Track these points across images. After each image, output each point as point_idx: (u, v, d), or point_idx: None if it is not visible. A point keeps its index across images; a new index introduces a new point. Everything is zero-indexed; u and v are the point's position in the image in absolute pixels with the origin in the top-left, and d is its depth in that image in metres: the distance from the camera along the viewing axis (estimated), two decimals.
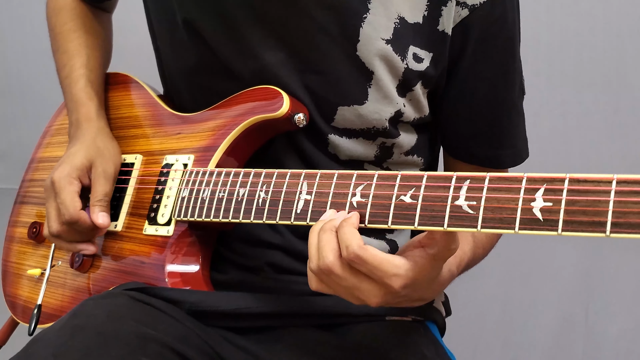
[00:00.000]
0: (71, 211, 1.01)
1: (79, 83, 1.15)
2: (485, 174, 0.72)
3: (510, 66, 1.05)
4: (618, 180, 0.64)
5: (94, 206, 1.03)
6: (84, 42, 1.20)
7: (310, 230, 0.81)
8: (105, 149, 1.08)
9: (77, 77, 1.15)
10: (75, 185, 1.04)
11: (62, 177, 1.03)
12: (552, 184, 0.67)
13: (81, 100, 1.13)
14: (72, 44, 1.19)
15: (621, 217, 0.62)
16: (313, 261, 0.78)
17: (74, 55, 1.18)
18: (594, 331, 1.77)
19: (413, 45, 0.99)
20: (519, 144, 1.12)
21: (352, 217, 0.78)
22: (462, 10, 0.98)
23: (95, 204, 1.03)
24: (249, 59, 1.01)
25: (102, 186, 1.04)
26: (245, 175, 0.93)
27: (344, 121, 1.01)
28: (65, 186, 1.03)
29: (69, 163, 1.05)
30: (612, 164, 1.69)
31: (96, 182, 1.05)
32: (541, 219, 0.67)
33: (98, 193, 1.04)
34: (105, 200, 1.04)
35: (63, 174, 1.03)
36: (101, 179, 1.05)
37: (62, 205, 1.02)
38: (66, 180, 1.03)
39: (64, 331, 0.83)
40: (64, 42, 1.20)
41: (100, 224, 1.02)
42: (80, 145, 1.08)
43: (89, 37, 1.21)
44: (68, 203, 1.02)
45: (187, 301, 0.94)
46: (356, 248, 0.74)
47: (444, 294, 1.15)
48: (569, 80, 1.68)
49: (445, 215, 0.73)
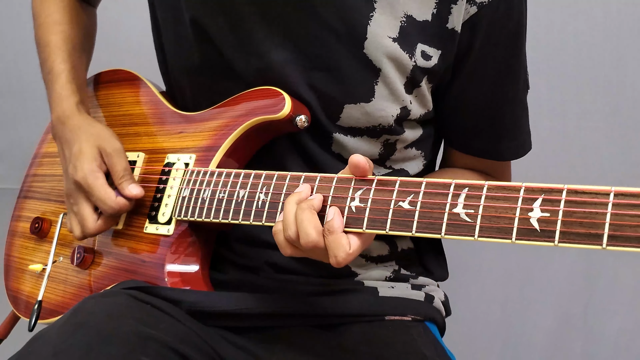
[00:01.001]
0: (111, 204, 1.01)
1: (60, 79, 1.14)
2: (484, 183, 0.73)
3: (516, 61, 1.05)
4: (616, 192, 0.64)
5: (120, 184, 1.03)
6: (67, 36, 1.18)
7: (286, 200, 0.84)
8: (100, 130, 1.08)
9: (58, 72, 1.14)
10: (102, 177, 1.04)
11: (87, 175, 1.03)
12: (550, 195, 0.68)
13: (62, 97, 1.12)
14: (55, 37, 1.18)
15: (618, 229, 0.63)
16: (288, 231, 0.82)
17: (55, 50, 1.16)
18: (592, 331, 1.77)
19: (421, 43, 0.99)
20: (521, 137, 1.12)
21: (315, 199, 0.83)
22: (471, 7, 0.98)
23: (120, 181, 1.03)
24: (253, 57, 1.01)
25: (118, 164, 1.04)
26: (246, 177, 0.94)
27: (350, 119, 1.01)
28: (95, 183, 1.02)
29: (85, 159, 1.04)
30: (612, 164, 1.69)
31: (112, 163, 1.04)
32: (538, 229, 0.68)
33: (118, 171, 1.04)
34: (127, 174, 1.04)
35: (86, 171, 1.03)
36: (114, 158, 1.04)
37: (100, 202, 1.02)
38: (93, 176, 1.03)
39: (65, 329, 0.83)
40: (47, 34, 1.19)
41: (135, 195, 1.03)
42: (80, 141, 1.07)
43: (72, 30, 1.20)
44: (105, 197, 1.02)
45: (187, 301, 0.94)
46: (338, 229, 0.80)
47: (444, 294, 1.16)
48: (569, 80, 1.68)
49: (443, 223, 0.74)
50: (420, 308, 1.08)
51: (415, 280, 1.11)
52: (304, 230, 0.80)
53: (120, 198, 1.02)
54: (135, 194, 1.03)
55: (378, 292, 1.06)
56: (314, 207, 0.82)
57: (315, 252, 0.82)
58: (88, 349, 0.80)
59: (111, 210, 1.02)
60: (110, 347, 0.80)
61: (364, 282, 1.07)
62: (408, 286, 1.10)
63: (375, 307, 1.04)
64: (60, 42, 1.17)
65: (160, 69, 1.21)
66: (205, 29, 1.02)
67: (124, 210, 1.03)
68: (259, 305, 0.98)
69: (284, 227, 0.82)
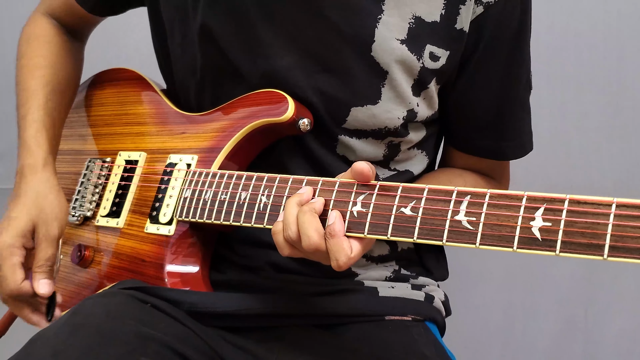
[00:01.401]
0: (12, 287, 0.99)
1: (31, 128, 1.09)
2: (486, 190, 0.73)
3: (519, 60, 1.06)
4: (618, 204, 0.64)
5: (35, 272, 1.01)
6: (47, 81, 1.15)
7: (287, 201, 0.85)
8: (48, 206, 1.04)
9: (30, 121, 1.10)
10: (17, 255, 1.00)
11: (4, 248, 1.00)
12: (551, 204, 0.68)
13: (30, 148, 1.08)
14: (34, 82, 1.14)
15: (619, 240, 0.63)
16: (288, 232, 0.82)
17: (32, 95, 1.13)
18: (593, 332, 1.77)
19: (430, 44, 0.99)
20: (523, 137, 1.13)
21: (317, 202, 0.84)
22: (477, 7, 0.99)
23: (36, 270, 1.01)
24: (260, 59, 1.00)
25: (44, 251, 1.01)
26: (248, 179, 0.94)
27: (356, 122, 1.01)
28: (7, 258, 1.00)
29: (11, 230, 1.01)
30: (612, 164, 1.69)
31: (38, 247, 1.02)
32: (540, 238, 0.68)
33: (39, 258, 1.01)
34: (46, 265, 1.01)
35: (5, 244, 1.00)
36: (43, 244, 1.01)
37: (3, 279, 1.00)
38: (7, 252, 1.00)
39: (63, 330, 0.84)
40: (27, 77, 1.15)
41: (41, 294, 1.00)
42: (22, 207, 1.03)
43: (54, 75, 1.16)
44: (9, 277, 0.99)
45: (186, 302, 0.94)
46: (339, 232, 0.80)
47: (444, 294, 1.16)
48: (569, 80, 1.68)
49: (445, 229, 0.74)
50: (420, 308, 1.08)
51: (415, 280, 1.12)
52: (306, 232, 0.80)
53: (26, 285, 1.00)
54: (41, 292, 0.99)
55: (378, 292, 1.07)
56: (316, 210, 0.82)
57: (316, 255, 0.82)
58: (87, 349, 0.80)
59: (9, 292, 1.00)
60: (110, 348, 0.80)
61: (364, 282, 1.07)
62: (408, 286, 1.10)
63: (375, 307, 1.05)
64: (39, 87, 1.14)
65: (161, 70, 1.21)
66: (213, 31, 1.02)
67: (23, 297, 1.01)
68: (259, 305, 0.98)
69: (284, 227, 0.83)
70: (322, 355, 0.95)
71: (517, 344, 1.84)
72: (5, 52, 1.46)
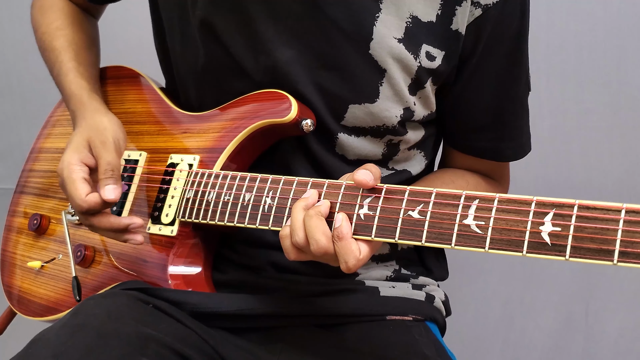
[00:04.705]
0: (78, 202, 0.97)
1: (68, 76, 1.13)
2: (495, 195, 0.73)
3: (518, 61, 1.06)
4: (627, 209, 0.65)
5: (100, 181, 0.99)
6: (70, 39, 1.18)
7: (293, 206, 0.85)
8: (99, 122, 1.05)
9: (66, 71, 1.13)
10: (76, 171, 0.99)
11: (64, 167, 1.00)
12: (561, 209, 0.68)
13: (73, 93, 1.11)
14: (59, 41, 1.17)
15: (629, 246, 0.63)
16: (296, 237, 0.82)
17: (61, 52, 1.16)
18: (593, 330, 1.78)
19: (426, 44, 0.99)
20: (522, 138, 1.13)
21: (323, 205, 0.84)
22: (476, 9, 0.99)
23: (101, 177, 0.99)
24: (261, 55, 1.00)
25: (102, 158, 1.00)
26: (252, 180, 0.93)
27: (355, 119, 1.01)
28: (67, 177, 0.99)
29: (67, 152, 1.03)
30: (612, 163, 1.69)
31: (98, 156, 1.01)
32: (549, 243, 0.68)
33: (101, 166, 1.00)
34: (109, 170, 0.99)
35: (64, 163, 1.01)
36: (101, 151, 1.01)
37: (71, 199, 0.99)
38: (67, 170, 1.00)
39: (64, 331, 0.83)
40: (51, 40, 1.18)
41: (107, 199, 0.97)
42: (75, 131, 1.06)
43: (75, 34, 1.19)
44: (74, 193, 0.98)
45: (189, 302, 0.94)
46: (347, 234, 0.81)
47: (444, 294, 1.16)
48: (569, 80, 1.68)
49: (453, 233, 0.74)
50: (421, 308, 1.08)
51: (415, 280, 1.12)
52: (313, 237, 0.80)
53: (92, 197, 0.97)
54: (107, 198, 0.97)
55: (379, 291, 1.07)
56: (322, 213, 0.82)
57: (324, 258, 0.83)
58: (88, 350, 0.79)
59: (78, 208, 0.98)
60: (111, 348, 0.80)
61: (365, 282, 1.07)
62: (409, 286, 1.10)
63: (376, 307, 1.05)
64: (66, 45, 1.17)
65: (162, 68, 1.20)
66: (214, 27, 1.02)
67: (94, 210, 0.98)
68: (260, 305, 0.98)
69: (292, 232, 0.83)
70: (323, 355, 0.95)
71: (517, 344, 1.85)
72: (5, 53, 1.47)
